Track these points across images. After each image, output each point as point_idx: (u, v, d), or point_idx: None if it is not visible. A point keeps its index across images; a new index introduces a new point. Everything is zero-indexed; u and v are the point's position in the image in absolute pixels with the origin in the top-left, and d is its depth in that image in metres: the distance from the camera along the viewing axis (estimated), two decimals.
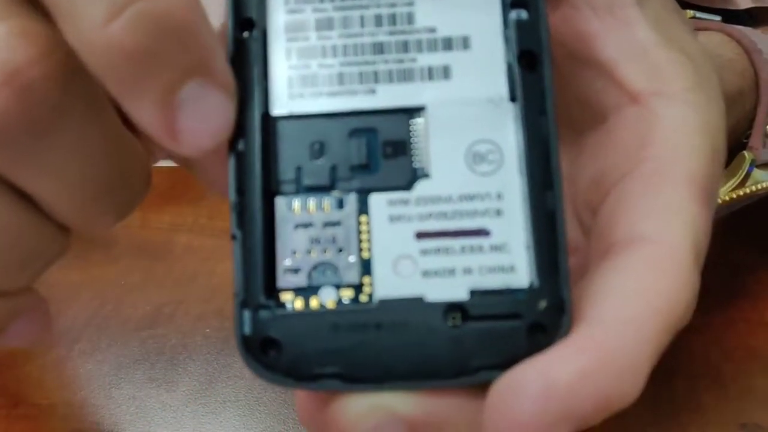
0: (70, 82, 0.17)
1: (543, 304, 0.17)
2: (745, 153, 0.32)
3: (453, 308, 0.17)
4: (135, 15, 0.15)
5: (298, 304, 0.18)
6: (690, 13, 0.34)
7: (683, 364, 0.37)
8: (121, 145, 0.18)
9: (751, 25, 0.54)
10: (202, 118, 0.17)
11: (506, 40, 0.18)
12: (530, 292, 0.17)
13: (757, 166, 0.32)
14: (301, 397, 0.18)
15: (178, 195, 0.46)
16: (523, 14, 0.18)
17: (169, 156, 0.19)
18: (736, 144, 0.32)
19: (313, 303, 0.17)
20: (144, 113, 0.16)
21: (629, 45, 0.20)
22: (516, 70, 0.18)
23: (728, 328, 0.38)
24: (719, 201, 0.31)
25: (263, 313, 0.17)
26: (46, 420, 0.36)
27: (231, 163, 0.18)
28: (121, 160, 0.18)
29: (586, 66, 0.21)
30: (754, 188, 0.32)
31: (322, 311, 0.17)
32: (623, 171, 0.20)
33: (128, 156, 0.19)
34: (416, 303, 0.17)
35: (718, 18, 0.34)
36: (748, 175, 0.32)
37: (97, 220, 0.19)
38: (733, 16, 0.54)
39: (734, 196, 0.32)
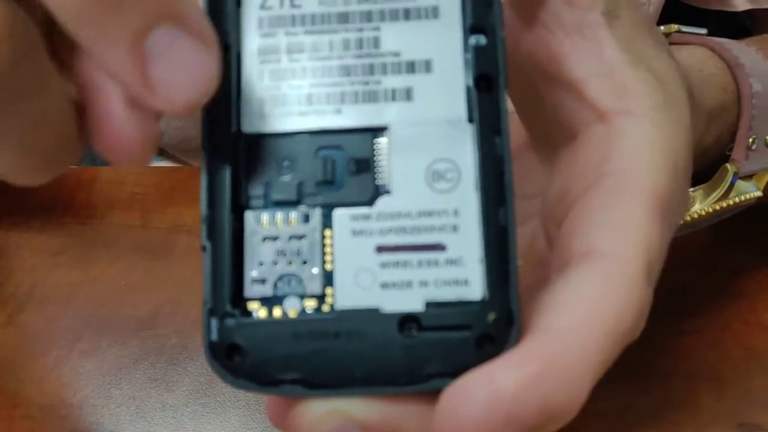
0: (26, 62, 0.16)
1: (492, 316, 0.18)
2: (728, 165, 0.32)
3: (407, 319, 0.18)
4: None
5: (263, 313, 0.18)
6: (674, 27, 0.34)
7: (681, 365, 0.37)
8: (60, 113, 0.18)
9: (750, 27, 0.55)
10: (177, 68, 0.16)
11: (466, 63, 0.19)
12: (480, 305, 0.18)
13: (741, 178, 0.32)
14: (270, 401, 0.19)
15: (179, 195, 0.46)
16: (482, 39, 0.19)
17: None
18: (719, 156, 0.33)
19: (277, 312, 0.18)
20: (115, 63, 0.16)
21: (598, 64, 0.21)
22: (473, 92, 0.19)
23: (726, 329, 0.38)
24: (702, 212, 0.32)
25: (229, 321, 0.18)
26: (46, 420, 0.36)
27: (203, 178, 0.19)
28: (59, 124, 0.18)
29: (559, 85, 0.22)
30: (737, 199, 0.32)
31: (285, 320, 0.18)
32: (585, 186, 0.20)
33: (66, 122, 0.18)
34: (373, 313, 0.18)
35: (703, 31, 0.34)
36: (731, 187, 0.32)
37: (27, 178, 0.19)
38: (730, 18, 0.54)
39: (717, 207, 0.32)
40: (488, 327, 0.18)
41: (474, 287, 0.18)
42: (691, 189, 0.32)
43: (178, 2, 0.16)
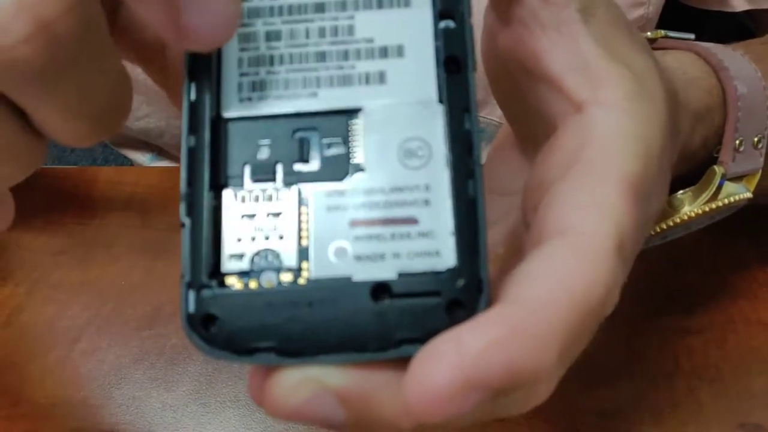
0: (90, 32, 0.18)
1: (461, 282, 0.18)
2: (716, 167, 0.32)
3: (379, 287, 0.19)
4: None
5: (239, 284, 0.19)
6: (660, 33, 0.35)
7: (683, 365, 0.37)
8: (115, 78, 0.20)
9: (751, 27, 0.55)
10: (206, 15, 0.18)
11: (436, 48, 0.20)
12: (450, 272, 0.19)
13: (730, 179, 0.33)
14: (251, 379, 0.19)
15: (179, 195, 0.46)
16: (451, 24, 0.20)
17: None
18: (707, 158, 0.33)
19: (252, 284, 0.19)
20: (152, 15, 0.18)
21: (574, 58, 0.22)
22: (442, 74, 0.20)
23: (727, 328, 0.38)
24: (692, 214, 0.32)
25: (205, 292, 0.19)
26: (47, 420, 0.36)
27: (183, 158, 0.19)
28: (113, 90, 0.20)
29: (539, 80, 0.22)
30: (726, 201, 0.32)
31: (259, 290, 0.19)
32: (561, 172, 0.21)
33: (119, 86, 0.20)
34: (345, 282, 0.19)
35: (691, 36, 0.35)
36: (719, 189, 0.32)
37: (78, 140, 0.21)
38: (731, 19, 0.54)
39: (707, 209, 0.32)
40: (457, 293, 0.18)
41: (445, 258, 0.19)
42: (681, 191, 0.32)
43: None
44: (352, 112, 0.20)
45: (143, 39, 0.25)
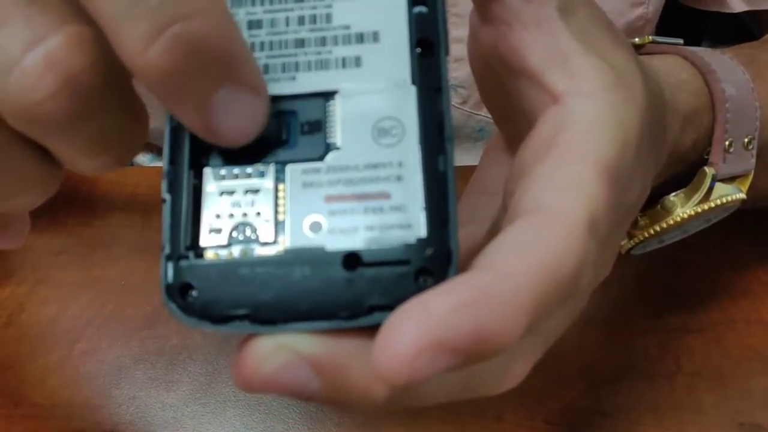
0: (111, 83, 0.19)
1: (430, 251, 0.19)
2: (706, 169, 0.33)
3: (350, 256, 0.19)
4: (171, 39, 0.17)
5: (214, 255, 0.20)
6: (648, 38, 0.35)
7: (684, 365, 0.37)
8: (135, 114, 0.21)
9: (752, 27, 0.55)
10: (235, 117, 0.19)
11: (410, 32, 0.21)
12: (420, 242, 0.19)
13: (721, 181, 0.33)
14: (232, 363, 0.19)
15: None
16: (423, 9, 0.21)
17: None
18: (698, 160, 0.33)
19: (228, 255, 0.20)
20: (185, 116, 0.19)
21: (553, 53, 0.22)
22: (415, 55, 0.21)
23: (728, 327, 0.38)
24: (684, 215, 0.32)
25: (183, 263, 0.19)
26: (47, 420, 0.36)
27: (166, 138, 0.20)
28: (132, 125, 0.21)
29: (520, 76, 0.23)
30: (719, 202, 0.33)
31: (235, 260, 0.19)
32: (537, 157, 0.21)
33: (137, 119, 0.21)
34: (318, 251, 0.19)
35: (679, 41, 0.36)
36: (711, 190, 0.33)
37: (97, 171, 0.21)
38: (731, 19, 0.54)
39: (699, 210, 0.32)
40: (426, 261, 0.19)
41: (416, 230, 0.19)
42: (673, 194, 0.33)
43: (238, 65, 0.19)
44: (328, 95, 0.20)
45: None
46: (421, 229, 0.19)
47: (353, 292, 0.19)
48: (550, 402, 0.35)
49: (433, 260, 0.19)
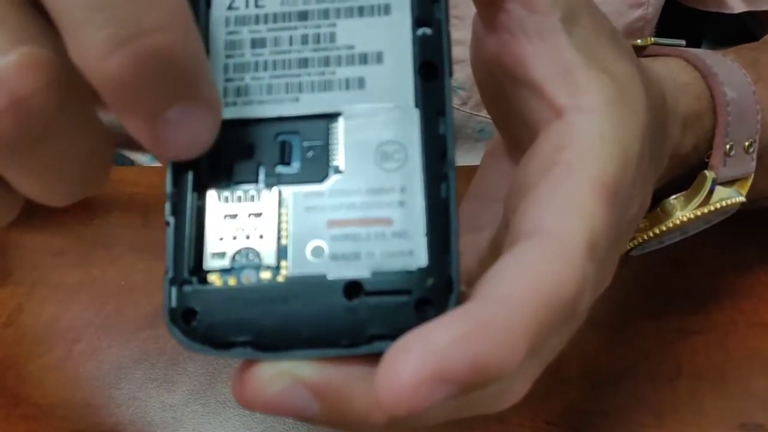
0: (66, 106, 0.19)
1: (431, 281, 0.19)
2: (706, 172, 0.33)
3: (352, 285, 0.19)
4: (128, 53, 0.17)
5: (218, 281, 0.20)
6: (650, 40, 0.35)
7: (685, 365, 0.37)
8: (95, 142, 0.20)
9: (753, 28, 0.55)
10: (186, 132, 0.19)
11: (414, 54, 0.21)
12: (421, 272, 0.19)
13: (722, 184, 0.33)
14: (234, 381, 0.20)
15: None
16: (428, 31, 0.21)
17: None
18: (698, 164, 0.33)
19: (231, 280, 0.20)
20: (135, 127, 0.19)
21: (556, 66, 0.22)
22: (419, 79, 0.20)
23: (730, 329, 0.38)
24: (684, 218, 0.32)
25: (186, 288, 0.19)
26: (47, 420, 0.36)
27: (169, 160, 0.20)
28: (92, 153, 0.20)
29: (523, 87, 0.23)
30: (718, 205, 0.33)
31: (238, 287, 0.20)
32: (539, 175, 0.21)
33: (98, 148, 0.21)
34: (320, 279, 0.19)
35: (681, 43, 0.36)
36: (711, 193, 0.33)
37: (56, 201, 0.21)
38: (732, 20, 0.54)
39: (699, 213, 0.32)
40: (427, 291, 0.19)
41: (418, 258, 0.19)
42: (673, 196, 0.33)
43: (195, 83, 0.19)
44: (332, 117, 0.20)
45: None
46: (422, 257, 0.19)
47: (354, 321, 0.19)
48: (552, 403, 0.35)
49: (434, 290, 0.19)
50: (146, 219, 0.45)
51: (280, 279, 0.19)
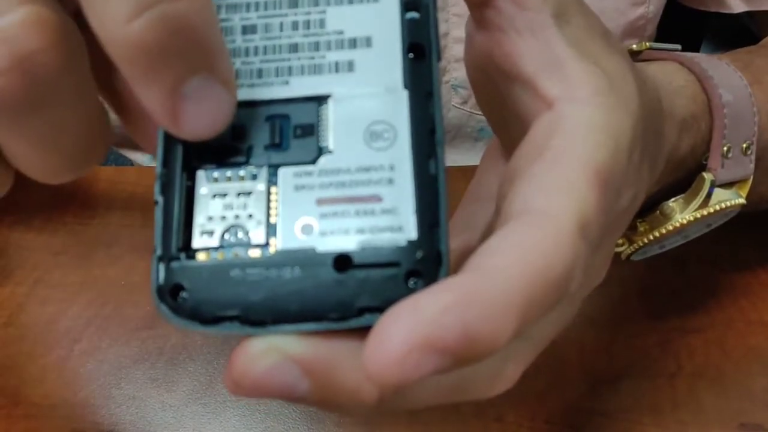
0: (70, 69, 0.18)
1: (420, 253, 0.19)
2: (705, 174, 0.33)
3: (341, 258, 0.19)
4: (154, 16, 0.17)
5: (206, 256, 0.20)
6: (645, 45, 0.36)
7: (684, 364, 0.37)
8: (92, 114, 0.20)
9: (753, 28, 0.55)
10: (204, 109, 0.19)
11: (402, 38, 0.21)
12: (410, 244, 0.19)
13: (720, 186, 0.33)
14: (228, 368, 0.19)
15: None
16: (415, 15, 0.21)
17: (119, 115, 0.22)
18: (696, 166, 0.33)
19: (219, 256, 0.20)
20: (152, 99, 0.18)
21: (547, 59, 0.22)
22: (407, 60, 0.21)
23: (729, 327, 0.38)
24: (684, 221, 0.32)
25: (174, 264, 0.20)
26: (47, 420, 0.36)
27: (159, 140, 0.20)
28: (88, 126, 0.20)
29: (515, 82, 0.23)
30: (717, 207, 0.33)
31: (225, 261, 0.19)
32: (529, 161, 0.21)
33: (97, 126, 0.21)
34: (308, 253, 0.19)
35: (677, 47, 0.36)
36: (710, 196, 0.33)
37: (48, 175, 0.21)
38: (732, 20, 0.54)
39: (698, 215, 0.32)
40: (416, 263, 0.19)
41: (407, 233, 0.19)
42: (671, 199, 0.33)
43: (215, 54, 0.19)
44: (321, 99, 0.21)
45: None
46: (411, 232, 0.19)
47: (343, 294, 0.19)
48: (551, 402, 0.35)
49: (424, 262, 0.19)
50: (146, 219, 0.45)
51: (268, 253, 0.19)
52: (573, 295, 0.21)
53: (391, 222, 0.19)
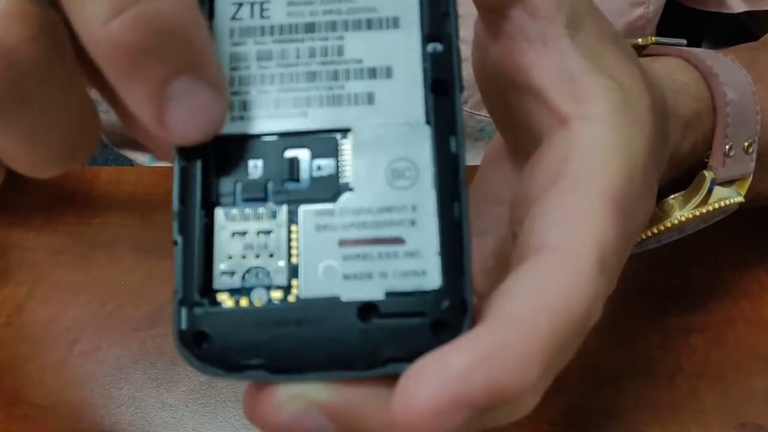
0: (53, 61, 0.18)
1: (446, 303, 0.19)
2: (705, 172, 0.32)
3: (366, 307, 0.19)
4: (135, 15, 0.17)
5: (230, 302, 0.19)
6: (651, 39, 0.35)
7: (684, 365, 0.37)
8: (78, 107, 0.20)
9: (753, 28, 0.55)
10: (192, 111, 0.18)
11: (424, 70, 0.20)
12: (436, 293, 0.19)
13: (720, 184, 0.33)
14: (246, 397, 0.19)
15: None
16: (439, 47, 0.20)
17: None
18: (697, 164, 0.33)
19: (243, 302, 0.19)
20: (137, 102, 0.18)
21: (559, 72, 0.22)
22: (430, 96, 0.20)
23: (729, 327, 0.38)
24: (683, 218, 0.32)
25: (197, 310, 0.19)
26: (46, 420, 0.36)
27: (175, 177, 0.20)
28: (75, 120, 0.20)
29: (526, 93, 0.23)
30: (717, 205, 0.33)
31: (250, 308, 0.19)
32: (545, 186, 0.21)
33: (85, 120, 0.20)
34: (333, 301, 0.19)
35: (683, 42, 0.36)
36: (710, 193, 0.33)
37: (37, 169, 0.20)
38: (732, 19, 0.54)
39: (697, 213, 0.32)
40: (442, 314, 0.19)
41: (431, 278, 0.19)
42: (671, 196, 0.33)
43: (200, 55, 0.18)
44: (341, 132, 0.20)
45: None
46: (435, 278, 0.19)
47: (369, 343, 0.19)
48: (553, 403, 0.35)
49: (449, 312, 0.19)
50: (146, 219, 0.45)
51: (292, 299, 0.19)
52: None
53: (414, 266, 0.19)
